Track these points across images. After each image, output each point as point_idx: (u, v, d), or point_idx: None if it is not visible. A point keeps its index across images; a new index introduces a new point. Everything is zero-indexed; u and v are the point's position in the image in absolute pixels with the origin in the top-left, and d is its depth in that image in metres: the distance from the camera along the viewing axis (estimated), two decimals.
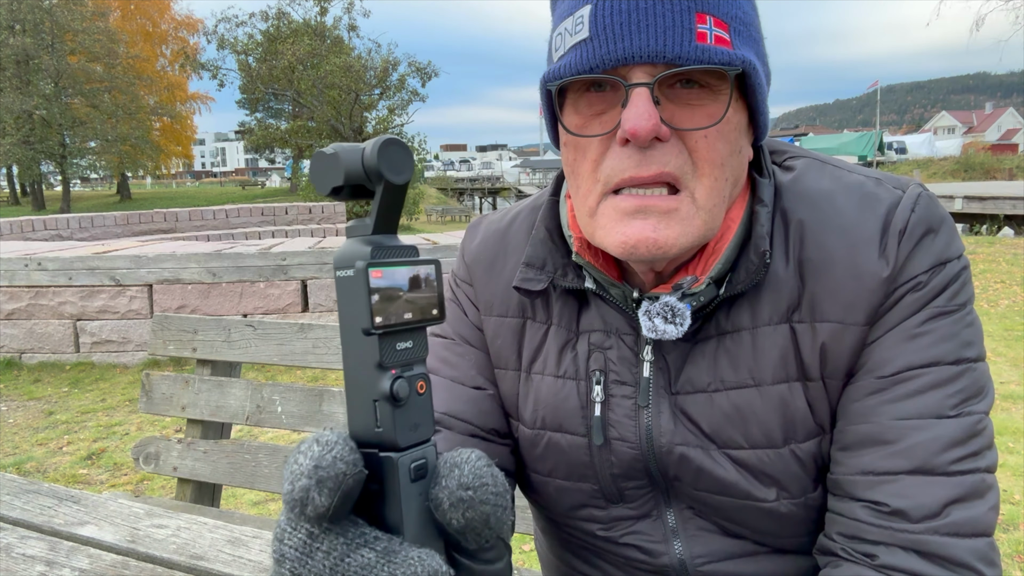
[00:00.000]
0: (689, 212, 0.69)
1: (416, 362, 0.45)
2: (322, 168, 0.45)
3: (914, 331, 0.72)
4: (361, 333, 0.43)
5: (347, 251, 0.44)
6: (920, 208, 0.74)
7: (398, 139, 0.45)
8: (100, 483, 3.87)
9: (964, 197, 16.35)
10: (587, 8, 0.67)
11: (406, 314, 0.44)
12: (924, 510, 0.68)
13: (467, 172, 76.15)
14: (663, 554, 0.85)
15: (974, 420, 0.70)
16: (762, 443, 0.77)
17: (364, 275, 0.42)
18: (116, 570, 0.98)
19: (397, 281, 0.44)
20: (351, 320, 0.43)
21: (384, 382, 0.43)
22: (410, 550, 0.41)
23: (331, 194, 0.45)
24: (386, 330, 0.43)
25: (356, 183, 0.45)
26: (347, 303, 0.43)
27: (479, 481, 0.43)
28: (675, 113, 0.68)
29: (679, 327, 0.74)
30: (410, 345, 0.45)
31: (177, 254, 5.99)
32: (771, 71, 0.77)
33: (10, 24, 29.07)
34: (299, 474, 0.39)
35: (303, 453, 0.40)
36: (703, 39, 0.65)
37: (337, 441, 0.40)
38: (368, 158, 0.44)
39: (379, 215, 0.45)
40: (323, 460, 0.39)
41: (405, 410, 0.44)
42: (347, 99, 25.60)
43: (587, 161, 0.72)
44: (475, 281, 0.93)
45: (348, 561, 0.40)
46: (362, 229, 0.45)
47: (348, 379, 0.44)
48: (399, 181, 0.45)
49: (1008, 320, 6.65)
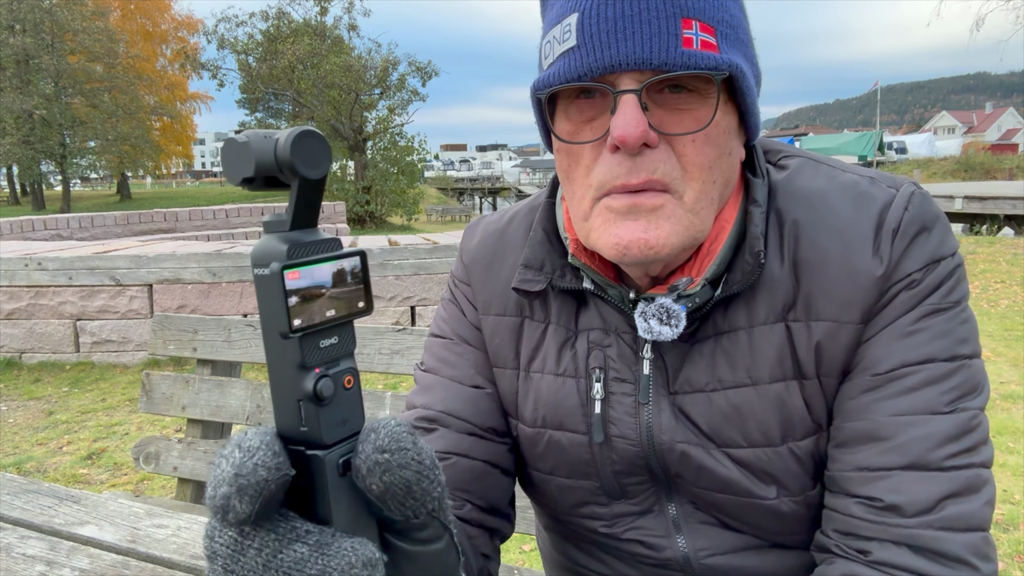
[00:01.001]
0: (676, 211, 0.70)
1: (343, 357, 0.44)
2: (233, 156, 0.42)
3: (908, 328, 0.72)
4: (277, 335, 0.41)
5: (263, 249, 0.42)
6: (913, 206, 0.74)
7: (313, 130, 0.42)
8: (100, 483, 3.87)
9: (964, 197, 16.35)
10: (574, 16, 0.68)
11: (328, 311, 0.43)
12: (918, 505, 0.68)
13: (467, 172, 76.20)
14: (667, 548, 0.85)
15: (969, 416, 0.71)
16: (761, 442, 0.77)
17: (279, 278, 0.40)
18: (116, 570, 0.98)
19: (317, 279, 0.42)
20: (269, 321, 0.42)
21: (307, 382, 0.42)
22: (343, 540, 0.41)
23: (241, 184, 0.43)
24: (305, 332, 0.42)
25: (268, 175, 0.42)
26: (265, 304, 0.42)
27: (396, 444, 0.44)
28: (664, 118, 0.69)
29: (674, 329, 0.74)
30: (335, 341, 0.44)
31: (177, 254, 5.99)
32: (762, 71, 0.77)
33: (10, 24, 29.05)
34: (220, 480, 0.39)
35: (225, 458, 0.39)
36: (689, 44, 0.65)
37: (259, 446, 0.40)
38: (281, 151, 0.41)
39: (296, 210, 0.43)
40: (244, 467, 0.39)
41: (330, 408, 0.43)
42: (347, 99, 25.59)
43: (580, 167, 0.73)
44: (473, 281, 0.93)
45: (281, 557, 0.40)
46: (279, 225, 0.43)
47: (272, 378, 0.43)
48: (314, 176, 0.42)
49: (1008, 320, 6.65)
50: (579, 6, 0.67)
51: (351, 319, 0.44)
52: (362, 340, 1.90)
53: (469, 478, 0.84)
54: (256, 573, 0.40)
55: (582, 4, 0.67)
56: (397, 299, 6.20)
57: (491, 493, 0.87)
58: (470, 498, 0.85)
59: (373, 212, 24.87)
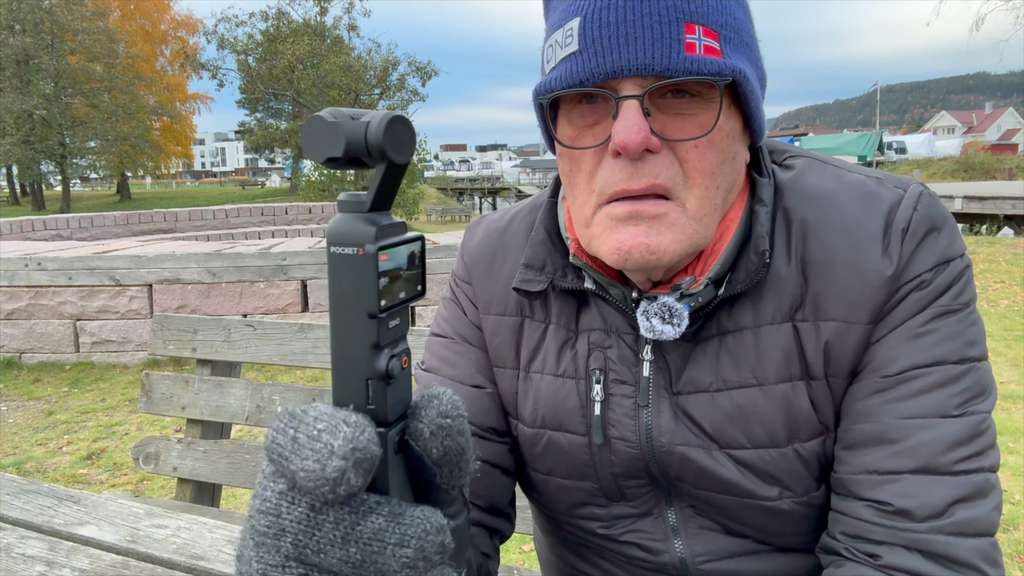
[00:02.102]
0: (679, 218, 0.69)
1: (400, 338, 0.45)
2: (319, 134, 0.43)
3: (918, 330, 0.72)
4: (361, 315, 0.42)
5: (345, 228, 0.42)
6: (922, 207, 0.74)
7: (404, 116, 0.43)
8: (100, 483, 3.87)
9: (964, 197, 16.35)
10: (576, 20, 0.67)
11: (401, 293, 0.44)
12: (928, 510, 0.68)
13: (467, 172, 76.21)
14: (664, 552, 0.85)
15: (978, 420, 0.70)
16: (765, 443, 0.77)
17: (374, 259, 0.41)
18: (116, 570, 0.98)
19: (399, 262, 0.43)
20: (351, 301, 0.42)
21: (380, 362, 0.43)
22: (413, 509, 0.42)
23: (326, 162, 0.43)
24: (389, 312, 0.43)
25: (354, 156, 0.43)
26: (347, 283, 0.42)
27: (457, 411, 0.46)
28: (666, 124, 0.68)
29: (676, 328, 0.74)
30: (399, 322, 0.45)
31: (177, 254, 5.99)
32: (767, 73, 0.77)
33: (10, 24, 29.06)
34: (329, 453, 0.38)
35: (328, 431, 0.39)
36: (692, 49, 0.65)
37: (365, 423, 0.40)
38: (373, 134, 0.42)
39: (379, 193, 0.44)
40: (359, 442, 0.39)
41: (394, 386, 0.44)
42: (347, 99, 25.61)
43: (582, 172, 0.72)
44: (474, 280, 0.93)
45: (360, 529, 0.40)
46: (357, 205, 0.44)
47: (339, 358, 0.43)
48: (402, 160, 0.44)
49: (1008, 320, 6.65)
50: (581, 10, 0.67)
51: (412, 301, 0.46)
52: None
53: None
54: (335, 546, 0.40)
55: (584, 8, 0.67)
56: None
57: (491, 493, 0.87)
58: (470, 498, 0.84)
59: None
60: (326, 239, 0.43)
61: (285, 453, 0.40)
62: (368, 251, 0.41)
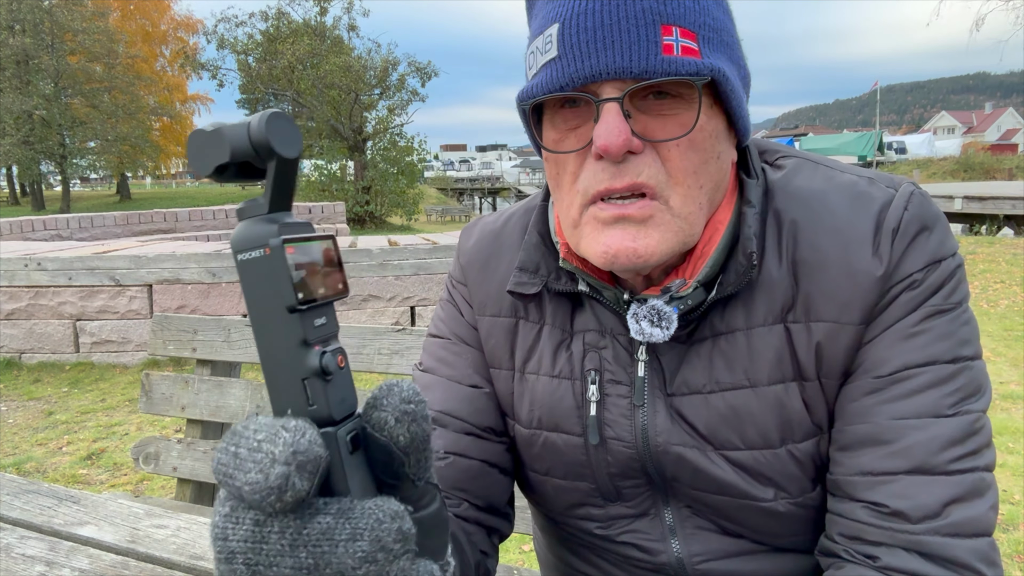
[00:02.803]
0: (664, 219, 0.70)
1: (331, 337, 0.45)
2: (203, 146, 0.42)
3: (910, 330, 0.72)
4: (282, 312, 0.42)
5: (248, 232, 0.42)
6: (913, 206, 0.74)
7: (282, 112, 0.43)
8: (100, 483, 3.87)
9: (964, 197, 16.35)
10: (555, 27, 0.68)
11: (320, 289, 0.44)
12: (924, 510, 0.68)
13: (467, 172, 76.11)
14: (661, 552, 0.85)
15: (972, 419, 0.70)
16: (758, 444, 0.77)
17: (281, 251, 0.41)
18: (116, 570, 0.98)
19: (311, 256, 0.43)
20: (268, 300, 0.42)
21: (312, 358, 0.42)
22: (364, 503, 0.41)
23: (214, 174, 0.43)
24: (309, 306, 0.42)
25: (243, 160, 0.43)
26: (260, 284, 0.42)
27: (418, 396, 0.46)
28: (647, 124, 0.69)
29: (665, 331, 0.74)
30: (324, 321, 0.44)
31: (177, 254, 5.99)
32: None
33: (10, 24, 29.04)
34: (270, 461, 0.38)
35: (267, 441, 0.38)
36: (670, 51, 0.65)
37: (302, 427, 0.39)
38: (256, 132, 0.42)
39: (274, 192, 0.43)
40: (300, 445, 0.38)
41: (334, 384, 0.43)
42: (347, 99, 25.59)
43: (567, 175, 0.73)
44: (469, 281, 0.94)
45: (307, 532, 0.39)
46: (256, 209, 0.43)
47: (270, 362, 0.43)
48: (291, 154, 0.43)
49: (1008, 320, 6.65)
50: (560, 16, 0.68)
51: (335, 300, 0.45)
52: (362, 340, 1.90)
53: (466, 477, 0.84)
54: (284, 555, 0.39)
55: (563, 15, 0.67)
56: (397, 299, 6.20)
57: (489, 492, 0.87)
58: (467, 497, 0.85)
59: (373, 212, 24.87)
60: (232, 250, 0.42)
61: (229, 471, 0.39)
62: (273, 245, 0.41)
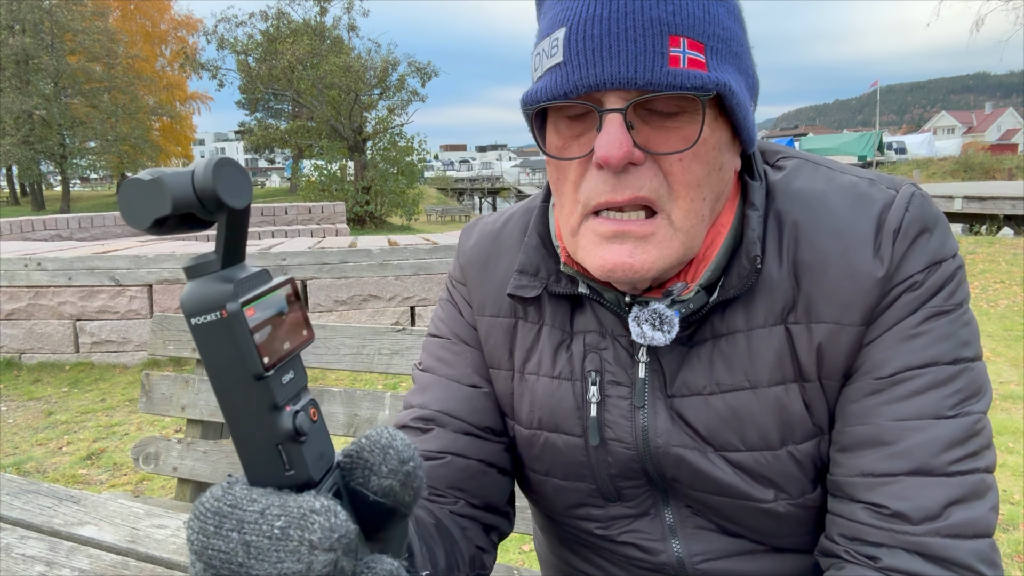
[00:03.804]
0: (666, 235, 0.69)
1: (301, 391, 0.42)
2: (138, 197, 0.38)
3: (911, 331, 0.72)
4: (247, 380, 0.39)
5: (200, 293, 0.38)
6: (914, 208, 0.74)
7: (230, 159, 0.39)
8: (100, 483, 3.87)
9: (964, 197, 16.34)
10: (562, 31, 0.67)
11: (285, 345, 0.41)
12: (924, 512, 0.68)
13: (467, 172, 76.14)
14: (661, 552, 0.85)
15: (972, 420, 0.70)
16: (759, 445, 0.77)
17: (241, 316, 0.38)
18: (116, 570, 0.98)
19: (270, 312, 0.40)
20: (230, 368, 0.39)
21: (285, 421, 0.40)
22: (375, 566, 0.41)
23: (152, 227, 0.38)
24: (277, 368, 0.39)
25: (185, 212, 0.38)
26: (220, 350, 0.38)
27: (411, 449, 0.45)
28: (650, 137, 0.68)
29: (667, 334, 0.74)
30: (292, 375, 0.41)
31: (177, 254, 5.99)
32: (763, 71, 0.77)
33: (10, 24, 29.04)
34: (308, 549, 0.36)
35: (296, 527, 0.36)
36: (676, 63, 0.64)
37: (332, 504, 0.38)
38: (201, 181, 0.38)
39: (227, 246, 0.40)
40: (339, 527, 0.37)
41: (309, 443, 0.41)
42: (347, 99, 25.58)
43: (568, 182, 0.73)
44: (469, 282, 0.94)
45: None
46: (207, 267, 0.39)
47: (239, 430, 0.40)
48: (240, 205, 0.39)
49: (1008, 320, 6.64)
50: (567, 20, 0.67)
51: (300, 350, 0.43)
52: (362, 340, 1.90)
53: (464, 477, 0.84)
54: None
55: (570, 19, 0.67)
56: (397, 299, 6.20)
57: (487, 492, 0.87)
58: (465, 496, 0.85)
59: (373, 212, 24.87)
60: (183, 312, 0.39)
61: (238, 559, 0.37)
62: (231, 310, 0.38)
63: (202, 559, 0.38)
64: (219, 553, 0.37)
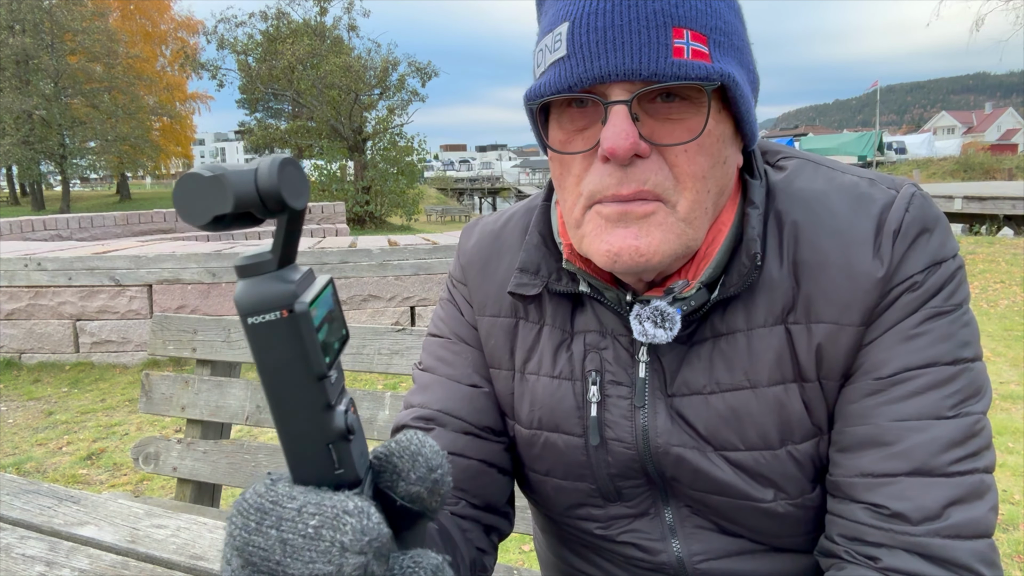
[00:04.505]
0: (668, 219, 0.69)
1: (343, 389, 0.42)
2: (197, 193, 0.37)
3: (911, 332, 0.72)
4: (307, 381, 0.38)
5: (259, 292, 0.38)
6: (914, 208, 0.74)
7: (292, 158, 0.39)
8: (100, 483, 3.87)
9: (964, 197, 16.34)
10: (565, 25, 0.67)
11: (335, 344, 0.41)
12: (924, 512, 0.68)
13: (467, 172, 76.12)
14: (661, 552, 0.85)
15: (972, 420, 0.70)
16: (758, 445, 0.77)
17: (308, 316, 0.38)
18: (116, 570, 0.98)
19: (324, 311, 0.40)
20: (289, 367, 0.38)
21: (338, 421, 0.40)
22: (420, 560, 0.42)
23: (210, 223, 0.37)
24: (332, 368, 0.39)
25: (244, 211, 0.38)
26: (279, 350, 0.38)
27: (440, 456, 0.45)
28: (655, 128, 0.68)
29: (668, 332, 0.74)
30: (336, 374, 0.41)
31: (177, 254, 5.99)
32: (763, 71, 0.77)
33: (10, 24, 29.03)
34: (339, 551, 0.36)
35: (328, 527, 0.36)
36: (680, 54, 0.65)
37: (367, 507, 0.37)
38: (265, 181, 0.37)
39: (285, 246, 0.40)
40: (371, 531, 0.36)
41: (356, 441, 0.41)
42: (347, 99, 25.59)
43: (571, 176, 0.73)
44: (469, 281, 0.94)
45: None
46: (264, 266, 0.39)
47: (292, 429, 0.40)
48: (301, 206, 0.39)
49: (1008, 320, 6.64)
50: (570, 15, 0.67)
51: (344, 347, 0.43)
52: (362, 340, 1.90)
53: (465, 477, 0.85)
54: None
55: (573, 13, 0.67)
56: (397, 299, 6.20)
57: (487, 492, 0.87)
58: (466, 496, 0.85)
59: (373, 212, 24.87)
60: (238, 312, 0.38)
61: (275, 557, 0.37)
62: (299, 310, 0.37)
63: (243, 555, 0.37)
64: (259, 550, 0.37)
